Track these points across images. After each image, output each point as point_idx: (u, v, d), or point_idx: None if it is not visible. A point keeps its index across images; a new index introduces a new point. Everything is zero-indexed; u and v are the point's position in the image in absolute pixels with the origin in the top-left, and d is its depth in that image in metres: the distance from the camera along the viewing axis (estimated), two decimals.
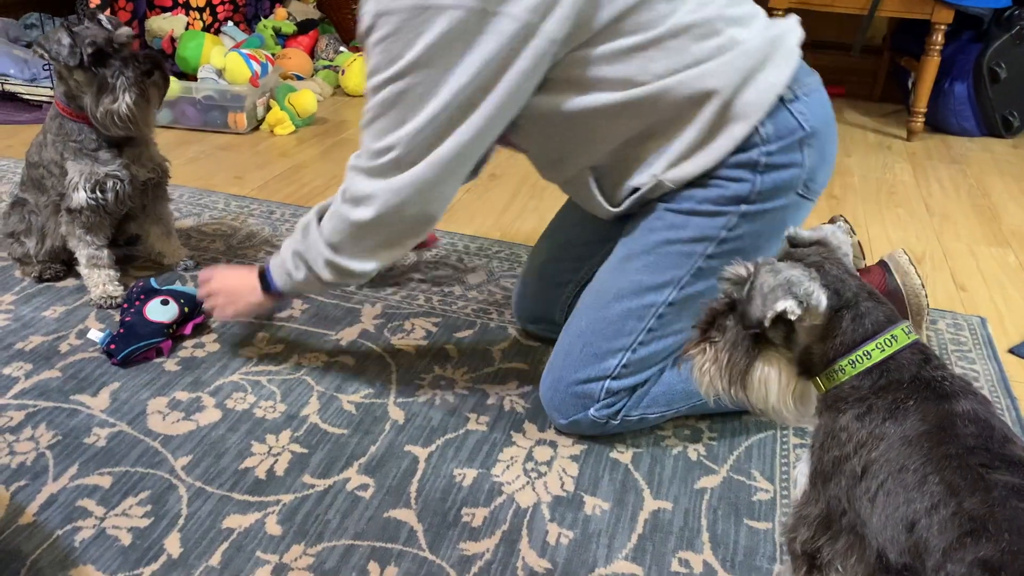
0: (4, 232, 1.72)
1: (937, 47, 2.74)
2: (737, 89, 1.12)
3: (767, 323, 0.83)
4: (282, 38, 3.17)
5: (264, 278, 1.35)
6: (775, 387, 0.89)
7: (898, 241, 2.10)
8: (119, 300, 1.62)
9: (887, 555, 0.75)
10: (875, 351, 0.83)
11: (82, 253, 1.63)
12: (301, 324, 1.60)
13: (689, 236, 1.20)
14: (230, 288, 1.40)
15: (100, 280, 1.63)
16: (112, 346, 1.44)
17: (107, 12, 1.55)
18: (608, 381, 1.24)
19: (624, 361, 1.24)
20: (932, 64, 2.78)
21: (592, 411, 1.25)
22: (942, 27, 2.70)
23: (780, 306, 0.81)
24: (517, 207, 2.20)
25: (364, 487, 1.19)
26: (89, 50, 1.50)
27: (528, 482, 1.22)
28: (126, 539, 1.09)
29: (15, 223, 1.70)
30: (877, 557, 0.76)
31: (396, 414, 1.35)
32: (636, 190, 1.21)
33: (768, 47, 1.14)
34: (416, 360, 1.50)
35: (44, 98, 2.73)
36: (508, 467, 1.24)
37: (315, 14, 3.40)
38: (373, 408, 1.36)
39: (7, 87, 2.75)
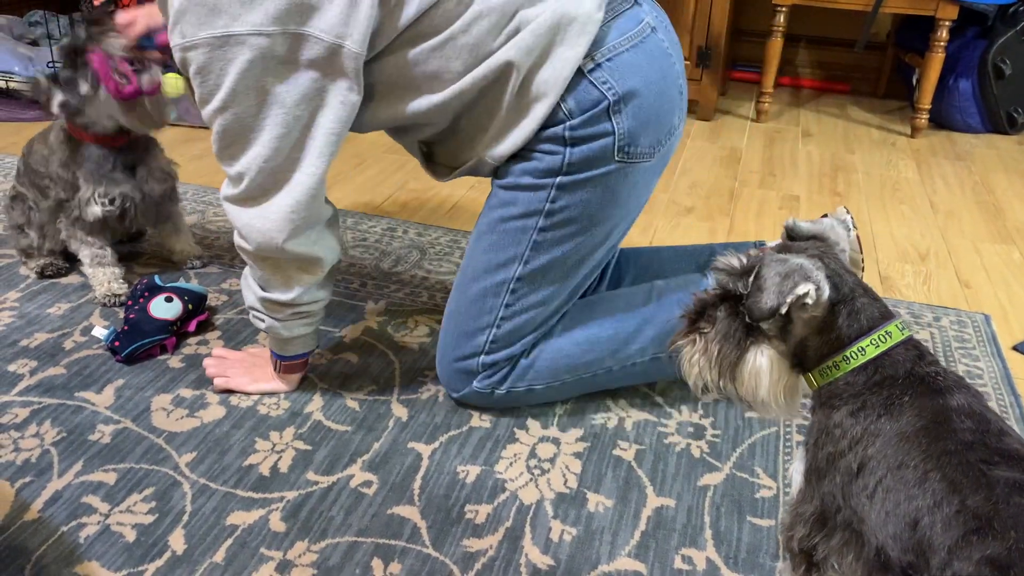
0: (10, 224, 1.73)
1: (942, 43, 2.74)
2: (532, 68, 1.14)
3: (784, 309, 0.82)
4: None
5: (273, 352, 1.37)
6: (766, 380, 0.89)
7: (902, 238, 2.10)
8: (123, 298, 1.62)
9: (887, 552, 0.75)
10: (870, 347, 0.83)
11: (84, 253, 1.64)
12: None
13: (519, 212, 1.23)
14: (253, 368, 1.40)
15: (104, 278, 1.64)
16: (116, 343, 1.45)
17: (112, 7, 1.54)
18: (482, 356, 1.29)
19: (491, 337, 1.28)
20: (937, 60, 2.77)
21: (475, 383, 1.31)
22: (947, 23, 2.70)
23: (801, 289, 0.81)
24: None
25: (368, 484, 1.20)
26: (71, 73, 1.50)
27: (531, 479, 1.22)
28: (131, 535, 1.09)
29: (18, 216, 1.71)
30: (876, 554, 0.76)
31: (399, 411, 1.35)
32: (463, 164, 1.27)
33: (560, 20, 1.12)
34: (419, 357, 1.50)
35: None
36: (511, 464, 1.25)
37: None
38: (376, 405, 1.37)
39: (11, 85, 2.76)
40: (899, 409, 0.79)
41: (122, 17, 1.45)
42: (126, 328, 1.47)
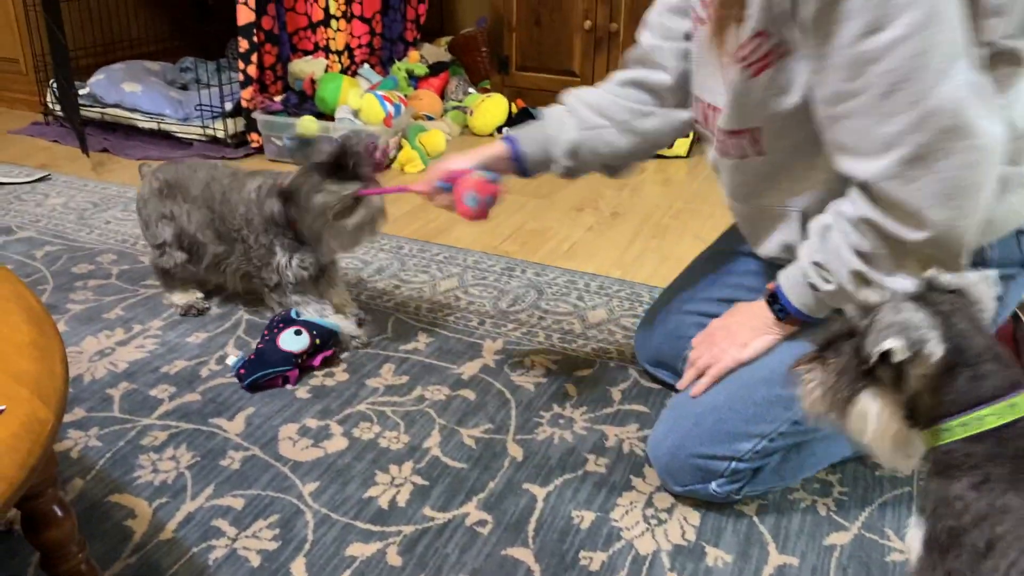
0: (154, 242, 1.76)
1: None
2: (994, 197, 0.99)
3: (873, 358, 0.79)
4: (414, 80, 3.28)
5: (774, 302, 1.16)
6: (873, 425, 0.84)
7: None
8: (364, 339, 1.66)
9: None
10: (989, 417, 0.78)
11: (309, 310, 1.66)
12: (425, 357, 1.63)
13: None
14: (730, 328, 1.22)
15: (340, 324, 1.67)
16: (242, 371, 1.52)
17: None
18: (735, 463, 1.17)
19: (759, 448, 1.17)
20: None
21: (713, 485, 1.19)
22: None
23: (887, 344, 0.78)
24: (638, 247, 2.18)
25: (482, 523, 1.20)
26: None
27: (647, 528, 1.19)
28: (255, 560, 1.13)
29: (166, 231, 1.72)
30: None
31: (515, 451, 1.36)
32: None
33: None
34: (535, 397, 1.50)
35: (195, 137, 2.92)
36: (627, 512, 1.23)
37: (446, 57, 3.51)
38: (492, 444, 1.37)
39: (163, 126, 2.96)
40: None
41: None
42: (252, 357, 1.54)
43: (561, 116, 1.36)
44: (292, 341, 1.55)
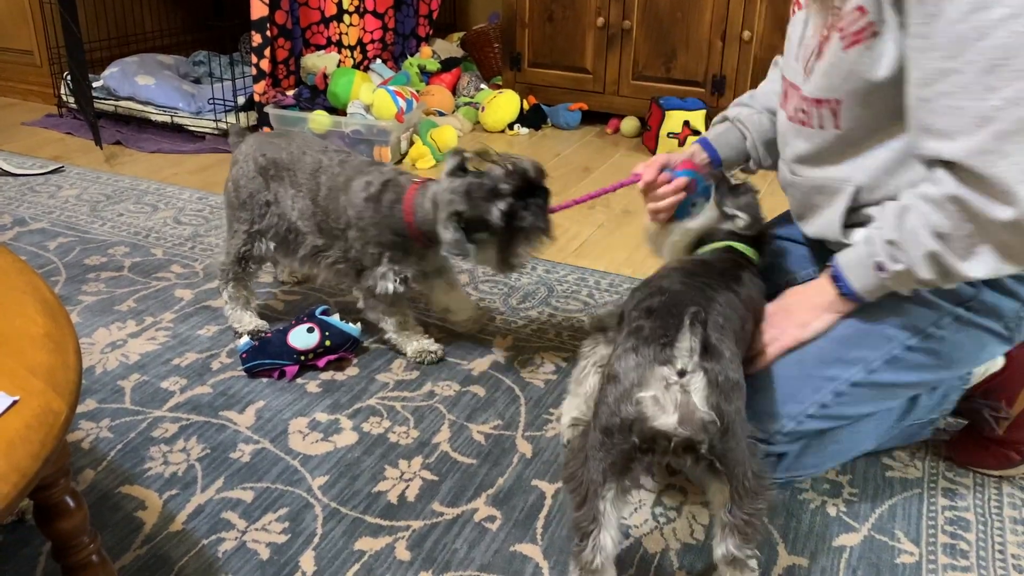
0: (247, 229, 1.63)
1: None
2: None
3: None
4: (426, 75, 3.28)
5: (837, 280, 1.12)
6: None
7: None
8: (439, 352, 1.61)
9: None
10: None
11: (388, 323, 1.61)
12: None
13: (896, 320, 1.11)
14: (789, 308, 1.19)
15: (412, 339, 1.63)
16: (244, 355, 1.54)
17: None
18: (762, 445, 1.14)
19: (785, 429, 1.14)
20: None
21: None
22: None
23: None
24: None
25: (491, 519, 1.20)
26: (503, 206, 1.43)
27: (656, 527, 1.19)
28: (264, 553, 1.14)
29: (265, 221, 1.62)
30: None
31: (524, 447, 1.36)
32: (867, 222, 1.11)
33: None
34: (545, 394, 1.50)
35: (207, 130, 2.93)
36: (636, 510, 1.23)
37: (458, 53, 3.51)
38: (502, 440, 1.38)
39: (176, 119, 2.97)
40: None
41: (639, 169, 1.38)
42: (256, 344, 1.54)
43: (748, 119, 1.38)
44: (301, 338, 1.55)
